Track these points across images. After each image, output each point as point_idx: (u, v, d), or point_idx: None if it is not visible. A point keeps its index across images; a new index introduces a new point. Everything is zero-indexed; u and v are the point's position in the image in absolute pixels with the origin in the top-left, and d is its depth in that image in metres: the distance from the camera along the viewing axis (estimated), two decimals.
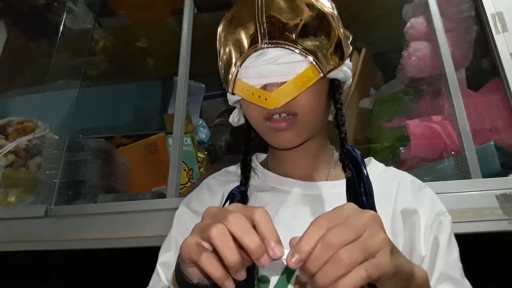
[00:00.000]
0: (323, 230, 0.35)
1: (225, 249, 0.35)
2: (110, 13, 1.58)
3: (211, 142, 1.47)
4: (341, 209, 0.38)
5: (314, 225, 0.36)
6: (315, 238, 0.35)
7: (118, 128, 1.69)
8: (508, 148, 0.97)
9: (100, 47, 1.66)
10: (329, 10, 0.58)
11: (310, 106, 0.57)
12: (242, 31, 0.57)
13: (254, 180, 0.65)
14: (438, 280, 0.54)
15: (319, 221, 0.36)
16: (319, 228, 0.36)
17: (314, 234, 0.35)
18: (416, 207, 0.58)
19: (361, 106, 1.27)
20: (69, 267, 1.18)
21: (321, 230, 0.36)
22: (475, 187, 0.87)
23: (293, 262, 0.35)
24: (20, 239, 1.06)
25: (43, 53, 1.61)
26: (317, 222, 0.36)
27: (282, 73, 0.54)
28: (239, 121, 0.68)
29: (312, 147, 0.65)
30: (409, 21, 1.19)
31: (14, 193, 1.21)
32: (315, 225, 0.36)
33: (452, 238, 0.58)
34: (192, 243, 0.38)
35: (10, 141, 1.36)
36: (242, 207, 0.40)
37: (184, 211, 0.66)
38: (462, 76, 1.11)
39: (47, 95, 1.40)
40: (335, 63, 0.57)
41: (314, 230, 0.36)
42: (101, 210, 1.06)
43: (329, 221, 0.36)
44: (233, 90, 0.58)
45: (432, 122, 1.06)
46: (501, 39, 1.00)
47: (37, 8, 1.63)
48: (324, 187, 0.62)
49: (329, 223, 0.36)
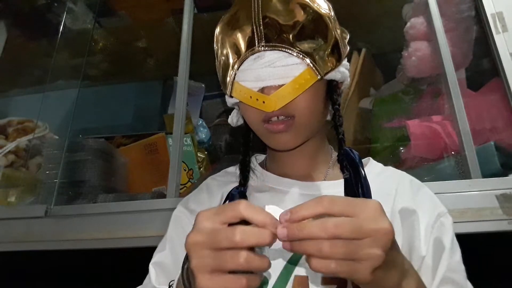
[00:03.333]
0: (319, 208, 0.37)
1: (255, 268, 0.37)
2: (110, 13, 1.58)
3: (211, 142, 1.47)
4: (354, 205, 0.38)
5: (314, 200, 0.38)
6: (310, 210, 0.37)
7: (118, 128, 1.69)
8: (508, 148, 0.97)
9: (100, 47, 1.66)
10: (325, 12, 0.58)
11: (308, 108, 0.57)
12: (239, 33, 0.57)
13: (252, 181, 0.66)
14: (441, 283, 0.54)
15: (322, 198, 0.38)
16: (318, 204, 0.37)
17: (310, 206, 0.37)
18: (415, 207, 0.58)
19: (361, 106, 1.27)
20: (69, 267, 1.18)
21: (319, 206, 0.37)
22: (475, 187, 0.87)
23: (284, 218, 0.37)
24: (20, 239, 1.06)
25: (43, 53, 1.61)
26: (320, 198, 0.38)
27: (279, 76, 0.54)
28: (238, 121, 0.68)
29: (310, 148, 0.65)
30: (409, 21, 1.19)
31: (14, 193, 1.21)
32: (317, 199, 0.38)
33: (454, 240, 0.58)
34: (211, 280, 0.37)
35: (10, 141, 1.36)
36: (218, 214, 0.39)
37: (181, 211, 0.66)
38: (462, 76, 1.11)
39: (47, 95, 1.41)
40: (332, 65, 0.57)
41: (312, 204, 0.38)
42: (101, 210, 1.06)
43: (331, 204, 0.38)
44: (231, 92, 0.58)
45: (432, 122, 1.06)
46: (501, 39, 0.99)
47: (37, 8, 1.63)
48: (322, 187, 0.62)
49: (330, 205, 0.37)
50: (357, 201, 0.39)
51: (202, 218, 0.39)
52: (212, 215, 0.39)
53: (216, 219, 0.38)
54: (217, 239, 0.37)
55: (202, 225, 0.38)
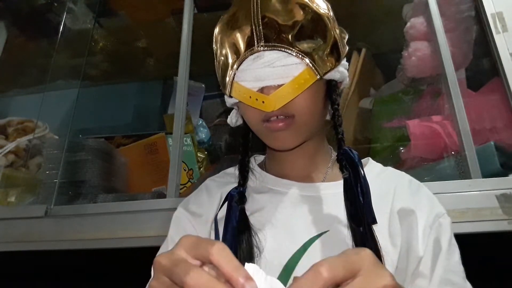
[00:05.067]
0: (320, 284, 0.31)
1: None
2: (110, 13, 1.58)
3: (211, 142, 1.47)
4: (352, 261, 0.33)
5: (313, 272, 0.31)
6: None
7: (118, 128, 1.69)
8: (508, 148, 0.96)
9: (100, 47, 1.67)
10: (324, 11, 0.58)
11: (307, 108, 0.57)
12: (238, 33, 0.57)
13: (251, 182, 0.66)
14: (439, 285, 0.53)
15: (319, 269, 0.31)
16: (317, 281, 0.31)
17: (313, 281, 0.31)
18: (414, 208, 0.58)
19: (361, 106, 1.26)
20: (69, 267, 1.18)
21: (319, 283, 0.31)
22: (475, 187, 0.87)
23: None
24: (20, 239, 1.06)
25: (43, 53, 1.61)
26: (317, 270, 0.31)
27: (278, 76, 0.54)
28: (237, 122, 0.68)
29: (310, 148, 0.65)
30: (409, 21, 1.19)
31: (14, 193, 1.21)
32: (314, 272, 0.31)
33: (452, 241, 0.58)
34: None
35: (10, 141, 1.36)
36: (192, 247, 0.34)
37: (182, 212, 0.66)
38: (462, 76, 1.11)
39: (47, 95, 1.41)
40: (332, 64, 0.57)
41: (310, 281, 0.31)
42: (101, 210, 1.06)
43: (331, 272, 0.31)
44: (231, 93, 0.58)
45: (432, 122, 1.06)
46: (501, 39, 0.99)
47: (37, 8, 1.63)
48: (321, 188, 0.62)
49: (332, 274, 0.31)
50: (351, 255, 0.34)
51: (182, 242, 0.35)
52: (190, 243, 0.34)
53: (190, 250, 0.34)
54: (174, 271, 0.33)
55: (178, 249, 0.34)
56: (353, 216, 0.54)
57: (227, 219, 0.58)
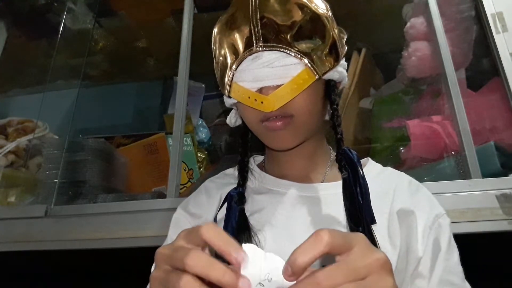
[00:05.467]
0: (321, 247, 0.32)
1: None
2: (110, 13, 1.58)
3: (211, 142, 1.47)
4: (349, 237, 0.34)
5: (315, 235, 0.32)
6: (311, 253, 0.32)
7: (118, 128, 1.69)
8: (508, 148, 0.96)
9: (100, 47, 1.66)
10: (323, 12, 0.58)
11: (306, 108, 0.57)
12: (237, 34, 0.57)
13: (251, 182, 0.66)
14: (439, 285, 0.54)
15: (321, 234, 0.32)
16: (318, 243, 0.32)
17: (311, 248, 0.32)
18: (413, 208, 0.58)
19: (361, 106, 1.26)
20: (69, 267, 1.18)
21: (320, 245, 0.32)
22: (475, 187, 0.87)
23: (286, 275, 0.32)
24: (20, 239, 1.06)
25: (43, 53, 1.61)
26: (319, 234, 0.32)
27: (277, 76, 0.54)
28: (236, 122, 0.68)
29: (309, 148, 0.64)
30: (409, 21, 1.19)
31: (14, 193, 1.21)
32: (316, 236, 0.32)
33: (452, 241, 0.58)
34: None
35: (10, 141, 1.36)
36: (187, 234, 0.35)
37: (181, 213, 0.66)
38: (462, 76, 1.11)
39: (47, 95, 1.41)
40: (330, 64, 0.57)
41: (312, 244, 0.32)
42: (101, 210, 1.06)
43: (332, 238, 0.32)
44: (229, 93, 0.58)
45: (432, 122, 1.06)
46: (501, 39, 0.99)
47: (37, 8, 1.63)
48: (320, 188, 0.62)
49: (332, 239, 0.32)
50: (347, 234, 0.35)
51: (179, 234, 0.36)
52: (185, 232, 0.36)
53: (186, 238, 0.35)
54: (174, 256, 0.34)
55: (177, 240, 0.36)
56: (352, 217, 0.54)
57: (227, 220, 0.58)
